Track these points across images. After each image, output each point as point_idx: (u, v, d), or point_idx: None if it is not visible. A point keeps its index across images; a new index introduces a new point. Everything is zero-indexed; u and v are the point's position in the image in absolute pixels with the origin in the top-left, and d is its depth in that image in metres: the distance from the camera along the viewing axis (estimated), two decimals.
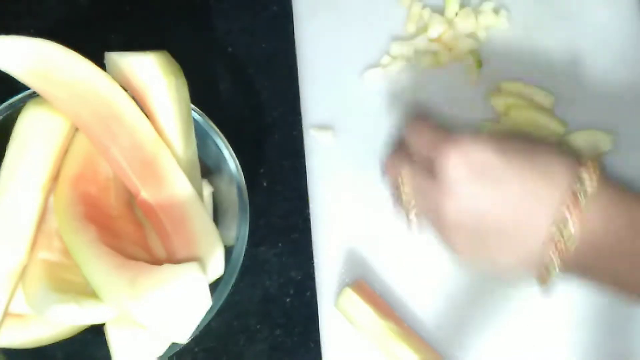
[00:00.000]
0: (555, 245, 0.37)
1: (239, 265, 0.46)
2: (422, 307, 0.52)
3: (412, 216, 0.43)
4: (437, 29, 0.57)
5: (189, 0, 0.62)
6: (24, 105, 0.46)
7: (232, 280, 0.46)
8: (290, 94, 0.59)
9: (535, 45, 0.57)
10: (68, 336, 0.48)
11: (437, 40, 0.57)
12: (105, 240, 0.44)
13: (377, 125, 0.56)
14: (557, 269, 0.37)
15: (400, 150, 0.45)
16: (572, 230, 0.36)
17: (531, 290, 0.48)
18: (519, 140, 0.40)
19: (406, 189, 0.42)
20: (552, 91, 0.55)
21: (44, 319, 0.46)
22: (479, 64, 0.56)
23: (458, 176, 0.38)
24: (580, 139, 0.53)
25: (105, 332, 0.45)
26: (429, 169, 0.40)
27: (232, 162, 0.49)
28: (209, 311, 0.43)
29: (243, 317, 0.54)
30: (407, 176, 0.42)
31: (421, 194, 0.41)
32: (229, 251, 0.46)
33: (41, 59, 0.44)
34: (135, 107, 0.46)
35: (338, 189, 0.55)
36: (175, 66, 0.47)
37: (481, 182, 0.38)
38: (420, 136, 0.42)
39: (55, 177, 0.47)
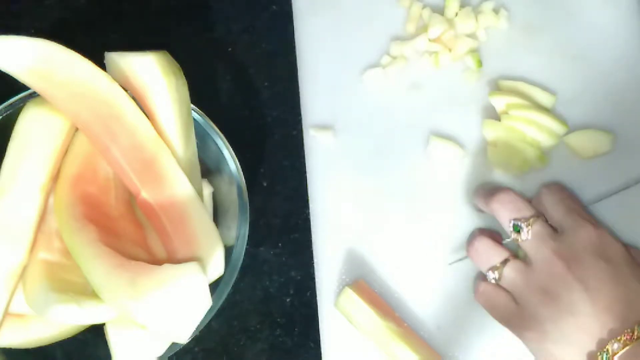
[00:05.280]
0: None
1: (239, 265, 0.46)
2: (422, 307, 0.52)
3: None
4: (437, 29, 0.57)
5: (189, 0, 0.62)
6: (24, 105, 0.46)
7: (232, 280, 0.46)
8: (290, 94, 0.59)
9: (535, 45, 0.57)
10: (68, 336, 0.48)
11: (437, 40, 0.57)
12: (105, 240, 0.44)
13: (377, 125, 0.56)
14: None
15: (521, 199, 0.49)
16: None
17: None
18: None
19: (529, 232, 0.46)
20: (552, 91, 0.55)
21: (44, 319, 0.46)
22: (479, 64, 0.56)
23: (589, 242, 0.44)
24: (580, 139, 0.53)
25: (105, 332, 0.45)
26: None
27: (232, 162, 0.49)
28: (209, 311, 0.43)
29: (243, 317, 0.54)
30: (537, 222, 0.46)
31: (542, 240, 0.46)
32: (229, 251, 0.46)
33: (41, 59, 0.44)
34: (135, 107, 0.46)
35: (338, 189, 0.55)
36: (175, 66, 0.47)
37: (602, 265, 0.43)
38: (560, 201, 0.48)
39: (55, 177, 0.47)
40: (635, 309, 0.43)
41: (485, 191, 0.51)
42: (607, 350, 0.41)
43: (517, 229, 0.47)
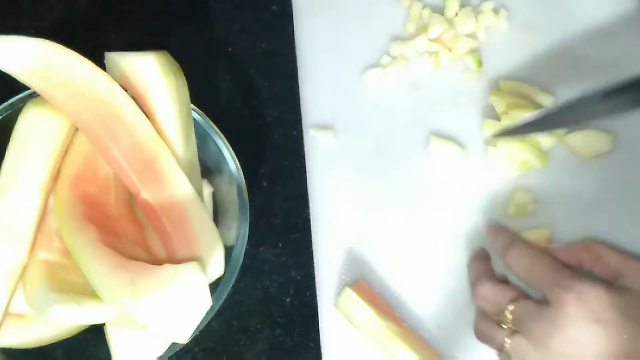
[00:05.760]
0: None
1: (239, 265, 0.46)
2: (422, 307, 0.52)
3: (506, 340, 0.46)
4: (437, 29, 0.57)
5: (189, 0, 0.62)
6: (24, 105, 0.46)
7: (232, 280, 0.46)
8: (290, 94, 0.59)
9: (535, 45, 0.57)
10: (68, 336, 0.48)
11: (437, 40, 0.57)
12: (105, 240, 0.44)
13: (377, 125, 0.56)
14: None
15: (493, 279, 0.48)
16: None
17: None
18: (634, 299, 0.44)
19: (513, 316, 0.45)
20: (552, 91, 0.55)
21: (44, 319, 0.46)
22: (479, 64, 0.56)
23: (573, 313, 0.42)
24: (580, 139, 0.53)
25: (105, 332, 0.45)
26: (538, 301, 0.45)
27: (232, 162, 0.49)
28: (209, 311, 0.43)
29: (243, 317, 0.54)
30: (517, 306, 0.45)
31: (529, 319, 0.44)
32: (229, 251, 0.46)
33: (41, 59, 0.44)
34: (135, 107, 0.46)
35: (338, 189, 0.55)
36: (175, 66, 0.47)
37: (592, 328, 0.42)
38: (534, 270, 0.46)
39: (55, 177, 0.47)
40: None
41: (471, 276, 0.51)
42: None
43: (500, 323, 0.46)
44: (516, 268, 0.47)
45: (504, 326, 0.46)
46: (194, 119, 0.48)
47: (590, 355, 0.42)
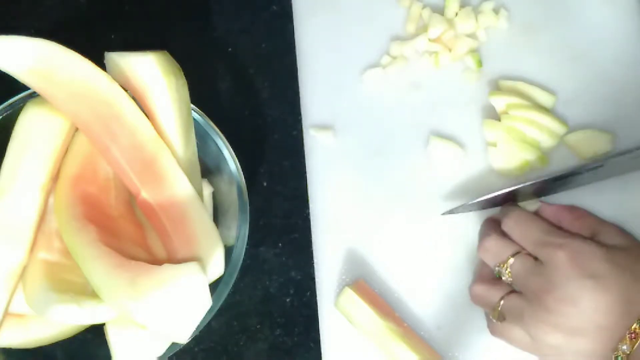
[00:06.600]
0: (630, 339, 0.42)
1: (239, 265, 0.46)
2: (422, 307, 0.52)
3: (503, 300, 0.47)
4: (437, 29, 0.57)
5: (189, 0, 0.62)
6: (24, 105, 0.46)
7: (232, 280, 0.46)
8: (290, 94, 0.59)
9: (535, 45, 0.57)
10: (68, 336, 0.48)
11: (437, 40, 0.57)
12: (105, 240, 0.44)
13: (377, 125, 0.56)
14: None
15: (500, 234, 0.49)
16: None
17: None
18: (626, 254, 0.45)
19: (511, 270, 0.47)
20: (552, 91, 0.55)
21: (44, 319, 0.46)
22: (479, 64, 0.56)
23: (568, 270, 0.43)
24: (580, 139, 0.53)
25: (105, 332, 0.45)
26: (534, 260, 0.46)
27: (232, 162, 0.49)
28: (209, 311, 0.43)
29: (243, 317, 0.54)
30: (517, 259, 0.47)
31: (527, 274, 0.46)
32: (229, 251, 0.46)
33: (41, 59, 0.44)
34: (135, 107, 0.46)
35: (338, 189, 0.55)
36: (175, 66, 0.47)
37: (588, 283, 0.43)
38: (524, 233, 0.48)
39: (55, 177, 0.47)
40: (631, 310, 0.42)
41: (481, 233, 0.52)
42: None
43: (499, 275, 0.48)
44: (513, 233, 0.48)
45: (503, 277, 0.47)
46: (194, 119, 0.48)
47: (584, 310, 0.43)
